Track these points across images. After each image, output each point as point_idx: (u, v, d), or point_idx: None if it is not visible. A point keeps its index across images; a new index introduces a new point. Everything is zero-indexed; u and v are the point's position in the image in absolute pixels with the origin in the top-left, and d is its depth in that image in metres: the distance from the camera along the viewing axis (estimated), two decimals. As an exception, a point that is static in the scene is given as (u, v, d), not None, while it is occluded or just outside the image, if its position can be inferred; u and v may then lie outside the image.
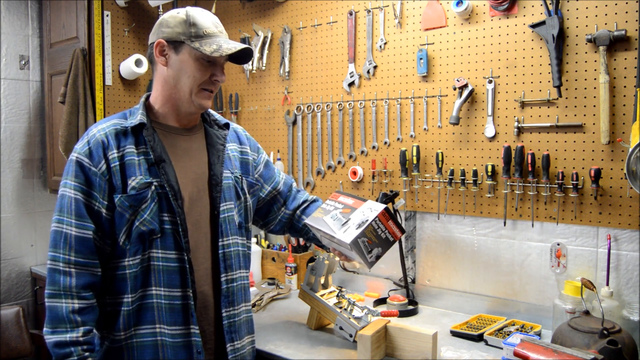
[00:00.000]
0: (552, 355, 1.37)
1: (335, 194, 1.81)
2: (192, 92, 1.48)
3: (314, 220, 1.73)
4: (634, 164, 1.67)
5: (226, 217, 1.56)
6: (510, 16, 2.04)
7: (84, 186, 1.42)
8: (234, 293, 1.56)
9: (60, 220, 1.41)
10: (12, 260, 3.02)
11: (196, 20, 1.46)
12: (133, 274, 1.43)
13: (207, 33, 1.46)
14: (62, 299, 1.37)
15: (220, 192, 1.55)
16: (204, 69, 1.47)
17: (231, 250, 1.56)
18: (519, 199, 2.04)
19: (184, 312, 1.46)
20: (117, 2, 2.80)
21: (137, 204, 1.42)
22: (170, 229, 1.45)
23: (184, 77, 1.47)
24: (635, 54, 1.77)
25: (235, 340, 1.55)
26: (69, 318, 1.36)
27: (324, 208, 1.77)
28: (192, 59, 1.46)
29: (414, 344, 1.70)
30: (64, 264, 1.38)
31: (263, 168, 1.79)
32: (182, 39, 1.45)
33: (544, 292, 2.01)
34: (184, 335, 1.46)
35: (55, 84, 2.94)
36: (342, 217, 1.67)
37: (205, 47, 1.44)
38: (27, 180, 3.10)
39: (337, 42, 2.53)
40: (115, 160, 1.43)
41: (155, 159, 1.46)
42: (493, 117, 2.09)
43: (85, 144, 1.45)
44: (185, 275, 1.46)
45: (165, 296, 1.45)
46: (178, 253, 1.46)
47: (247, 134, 1.79)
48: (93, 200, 1.42)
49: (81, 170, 1.43)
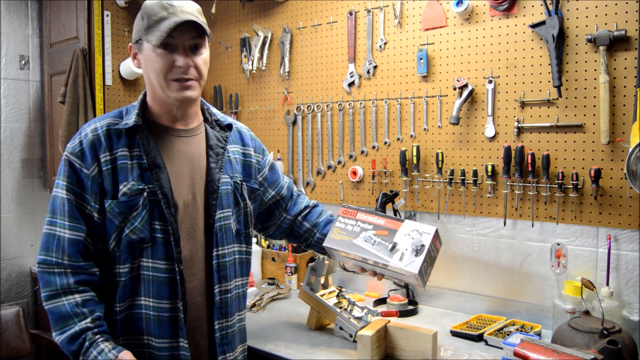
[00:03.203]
0: (552, 355, 1.37)
1: (347, 210, 1.71)
2: (163, 87, 1.40)
3: (340, 245, 1.65)
4: (634, 164, 1.67)
5: (222, 225, 1.49)
6: (510, 16, 2.04)
7: (75, 187, 1.37)
8: (228, 304, 1.50)
9: (53, 223, 1.36)
10: (12, 260, 3.02)
11: (147, 11, 1.38)
12: (122, 282, 1.38)
13: (155, 20, 1.36)
14: (62, 297, 1.32)
15: (217, 199, 1.48)
16: (163, 59, 1.37)
17: (226, 261, 1.50)
18: (519, 199, 2.04)
19: (172, 324, 1.39)
20: (117, 2, 2.80)
21: (128, 210, 1.36)
22: (161, 238, 1.39)
23: (152, 74, 1.40)
24: (635, 54, 1.77)
25: (227, 353, 1.49)
26: (74, 312, 1.30)
27: (344, 228, 1.67)
28: (150, 52, 1.38)
29: (414, 344, 1.70)
30: (58, 267, 1.33)
31: (268, 171, 1.71)
32: (140, 35, 1.40)
33: (544, 292, 2.01)
34: (172, 348, 1.40)
35: (55, 84, 2.94)
36: (383, 241, 1.60)
37: (151, 37, 1.35)
38: (27, 180, 3.10)
39: (337, 42, 2.53)
40: (107, 164, 1.38)
41: (148, 164, 1.39)
42: (493, 117, 2.09)
43: (78, 144, 1.39)
44: (176, 286, 1.39)
45: (154, 307, 1.39)
46: (168, 263, 1.39)
47: (252, 134, 1.71)
48: (84, 203, 1.37)
49: (73, 171, 1.38)
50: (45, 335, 2.40)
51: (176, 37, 1.36)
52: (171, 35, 1.34)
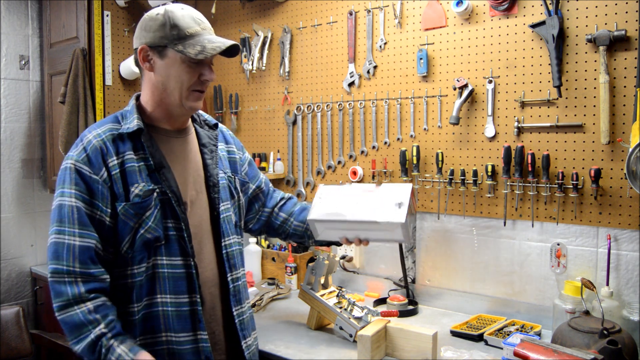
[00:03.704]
0: (552, 355, 1.37)
1: (325, 187, 1.79)
2: (182, 96, 1.43)
3: (323, 214, 1.70)
4: (634, 164, 1.67)
5: (225, 217, 1.56)
6: (510, 16, 2.04)
7: (85, 195, 1.36)
8: (240, 291, 1.58)
9: (61, 232, 1.34)
10: (12, 260, 3.02)
11: (176, 21, 1.39)
12: (138, 282, 1.40)
13: (189, 33, 1.39)
14: (75, 307, 1.31)
15: (218, 193, 1.55)
16: (191, 70, 1.41)
17: (233, 250, 1.57)
18: (519, 199, 2.04)
19: (192, 318, 1.43)
20: (117, 2, 2.80)
21: (142, 211, 1.39)
22: (174, 235, 1.43)
23: (172, 82, 1.42)
24: (635, 54, 1.77)
25: (247, 337, 1.57)
26: (87, 319, 1.31)
27: (324, 200, 1.74)
28: (177, 62, 1.40)
29: (414, 344, 1.70)
30: (69, 276, 1.32)
31: (248, 167, 1.78)
32: (165, 43, 1.39)
33: (544, 292, 2.01)
34: (193, 341, 1.43)
35: (55, 84, 2.93)
36: (365, 202, 1.68)
37: (189, 50, 1.38)
38: (27, 180, 3.10)
39: (337, 42, 2.53)
40: (116, 167, 1.39)
41: (155, 165, 1.43)
42: (493, 117, 2.09)
43: (82, 150, 1.39)
44: (192, 280, 1.44)
45: (172, 303, 1.42)
46: (184, 259, 1.43)
47: (231, 133, 1.78)
48: (95, 209, 1.37)
49: (81, 178, 1.37)
50: (45, 335, 2.40)
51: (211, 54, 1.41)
52: None
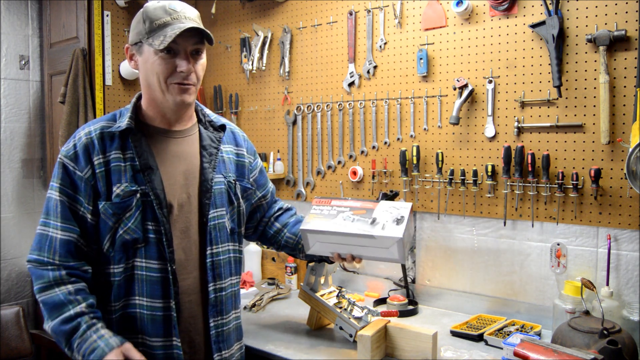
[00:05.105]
0: (552, 355, 1.37)
1: (321, 200, 1.77)
2: (163, 90, 1.42)
3: (318, 226, 1.67)
4: (634, 164, 1.67)
5: (216, 224, 1.52)
6: (510, 16, 2.04)
7: (69, 190, 1.40)
8: (223, 302, 1.53)
9: (46, 224, 1.39)
10: (12, 260, 3.02)
11: (149, 14, 1.40)
12: (117, 282, 1.41)
13: (157, 25, 1.38)
14: (55, 288, 1.34)
15: (211, 199, 1.51)
16: (164, 62, 1.39)
17: (220, 259, 1.53)
18: (519, 199, 2.04)
19: (165, 323, 1.42)
20: (117, 2, 2.80)
21: (121, 212, 1.39)
22: (154, 238, 1.41)
23: (151, 77, 1.42)
24: (635, 54, 1.77)
25: (223, 350, 1.52)
26: (68, 299, 1.33)
27: (320, 213, 1.71)
28: (151, 55, 1.40)
29: (413, 344, 1.70)
30: (50, 266, 1.36)
31: (258, 173, 1.76)
32: (140, 38, 1.41)
33: (544, 292, 2.01)
34: (165, 347, 1.42)
35: (55, 84, 2.93)
36: (362, 217, 1.65)
37: (155, 41, 1.37)
38: (27, 180, 3.10)
39: (337, 42, 2.53)
40: (101, 166, 1.40)
41: (140, 166, 1.42)
42: (493, 117, 2.09)
43: (72, 147, 1.42)
44: (168, 286, 1.42)
45: (147, 306, 1.41)
46: (161, 263, 1.42)
47: (245, 136, 1.74)
48: (78, 205, 1.39)
49: (66, 174, 1.41)
50: (45, 335, 2.40)
51: (179, 43, 1.39)
52: (175, 40, 1.36)
